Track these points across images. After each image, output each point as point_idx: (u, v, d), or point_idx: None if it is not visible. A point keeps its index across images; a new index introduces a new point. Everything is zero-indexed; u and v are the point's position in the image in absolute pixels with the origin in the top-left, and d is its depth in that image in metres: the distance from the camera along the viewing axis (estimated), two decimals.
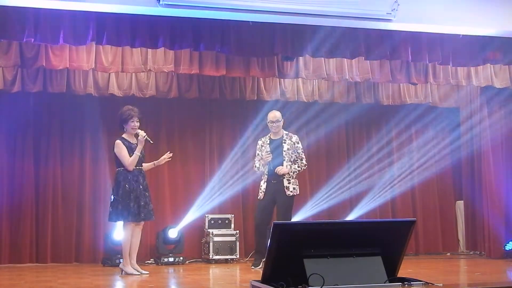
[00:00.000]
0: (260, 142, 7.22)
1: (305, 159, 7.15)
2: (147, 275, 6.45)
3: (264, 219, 7.04)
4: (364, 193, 8.83)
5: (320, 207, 8.63)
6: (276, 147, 7.05)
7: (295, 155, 7.06)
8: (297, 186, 7.06)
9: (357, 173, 8.88)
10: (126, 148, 6.42)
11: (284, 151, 7.02)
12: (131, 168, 6.38)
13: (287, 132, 7.23)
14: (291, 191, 6.95)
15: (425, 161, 9.15)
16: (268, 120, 7.15)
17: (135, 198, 6.34)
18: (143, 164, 6.56)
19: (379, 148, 9.03)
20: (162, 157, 6.67)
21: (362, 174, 8.87)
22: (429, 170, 9.14)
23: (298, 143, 7.14)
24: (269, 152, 7.00)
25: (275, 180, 6.99)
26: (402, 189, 9.01)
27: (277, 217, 7.01)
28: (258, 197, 7.12)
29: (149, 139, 6.49)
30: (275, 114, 7.13)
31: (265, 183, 7.03)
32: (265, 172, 7.06)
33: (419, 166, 9.11)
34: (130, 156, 6.37)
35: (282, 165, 6.97)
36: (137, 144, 6.45)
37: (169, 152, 6.74)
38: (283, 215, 6.90)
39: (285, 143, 7.08)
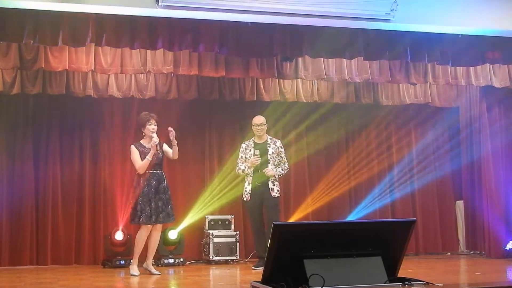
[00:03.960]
0: (243, 145, 7.35)
1: (287, 163, 7.34)
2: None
3: (256, 220, 7.20)
4: (364, 193, 8.83)
5: (320, 207, 8.64)
6: (262, 151, 7.15)
7: (279, 159, 7.21)
8: (279, 189, 7.22)
9: (357, 173, 8.88)
10: (140, 153, 6.59)
11: (269, 154, 7.18)
12: (140, 171, 6.56)
13: (270, 137, 7.40)
14: (275, 193, 7.13)
15: (425, 161, 9.15)
16: (253, 124, 7.29)
17: (147, 201, 6.48)
18: (172, 152, 6.69)
19: (379, 148, 9.03)
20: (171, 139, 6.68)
21: (362, 174, 8.87)
22: (429, 170, 9.14)
23: (281, 147, 7.32)
24: (258, 156, 7.09)
25: (260, 182, 7.11)
26: (402, 189, 9.01)
27: (267, 218, 7.11)
28: (244, 199, 7.24)
29: (158, 148, 6.64)
30: (260, 118, 7.30)
31: (250, 185, 7.15)
32: (250, 174, 7.16)
33: (419, 166, 9.11)
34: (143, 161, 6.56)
35: (268, 168, 7.10)
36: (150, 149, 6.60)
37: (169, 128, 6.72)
38: (272, 216, 7.02)
39: (269, 147, 7.22)
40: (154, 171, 6.61)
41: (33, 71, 7.29)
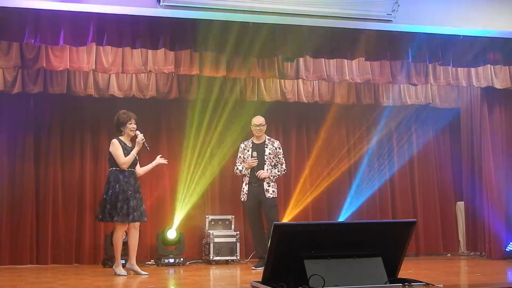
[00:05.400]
0: (242, 146, 7.36)
1: (284, 164, 7.34)
2: (147, 276, 6.45)
3: (255, 220, 7.22)
4: (364, 193, 8.83)
5: (320, 206, 8.64)
6: (259, 152, 7.17)
7: (276, 160, 7.23)
8: (276, 190, 7.22)
9: (358, 173, 8.88)
10: (122, 148, 6.48)
11: (266, 155, 7.18)
12: (125, 167, 6.44)
13: (269, 138, 7.39)
14: (270, 194, 7.12)
15: (426, 162, 9.15)
16: (252, 124, 7.29)
17: (125, 199, 6.38)
18: (142, 168, 6.68)
19: (380, 148, 9.03)
20: (156, 161, 6.73)
21: (363, 174, 8.87)
22: (430, 170, 9.15)
23: (279, 148, 7.30)
24: (255, 158, 7.10)
25: (256, 183, 7.13)
26: (403, 190, 9.01)
27: (266, 218, 7.16)
28: (242, 199, 7.26)
29: (147, 145, 6.58)
30: (259, 119, 7.29)
31: (247, 186, 7.18)
32: (247, 175, 7.18)
33: (419, 167, 9.11)
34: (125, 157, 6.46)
35: (263, 169, 7.11)
36: (132, 147, 6.53)
37: (160, 156, 6.78)
38: (269, 216, 7.07)
39: (267, 147, 7.22)
40: (132, 169, 6.53)
41: (34, 70, 7.30)
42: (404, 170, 9.05)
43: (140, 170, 6.66)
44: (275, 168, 7.21)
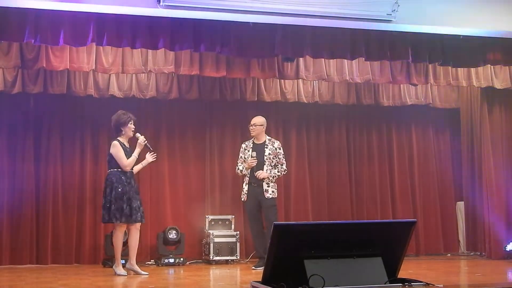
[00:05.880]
0: (243, 146, 7.39)
1: (285, 165, 7.35)
2: (147, 276, 6.45)
3: (255, 220, 7.23)
4: (365, 193, 8.83)
5: (320, 207, 8.64)
6: (259, 152, 7.19)
7: (276, 160, 7.24)
8: (276, 190, 7.22)
9: (358, 174, 8.88)
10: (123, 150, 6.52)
11: (265, 155, 7.19)
12: (128, 168, 6.48)
13: (270, 138, 7.41)
14: (270, 194, 7.13)
15: (426, 162, 9.15)
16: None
17: (128, 199, 6.40)
18: (134, 167, 6.69)
19: (380, 149, 9.02)
20: (147, 160, 6.77)
21: (363, 175, 8.87)
22: (430, 171, 9.15)
23: (279, 148, 7.31)
24: (254, 158, 7.13)
25: (255, 183, 7.16)
26: (403, 190, 9.01)
27: (264, 219, 7.17)
28: (242, 199, 7.30)
29: (149, 146, 6.63)
30: (254, 118, 7.34)
31: (247, 185, 7.21)
32: (247, 175, 7.21)
33: (419, 167, 9.11)
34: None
35: (263, 169, 7.12)
36: (130, 148, 6.56)
37: (153, 153, 6.80)
38: (268, 216, 7.10)
39: (266, 148, 7.24)
40: (132, 170, 6.57)
41: (34, 70, 7.30)
42: (404, 170, 9.05)
43: (134, 168, 6.68)
44: (275, 169, 7.21)
